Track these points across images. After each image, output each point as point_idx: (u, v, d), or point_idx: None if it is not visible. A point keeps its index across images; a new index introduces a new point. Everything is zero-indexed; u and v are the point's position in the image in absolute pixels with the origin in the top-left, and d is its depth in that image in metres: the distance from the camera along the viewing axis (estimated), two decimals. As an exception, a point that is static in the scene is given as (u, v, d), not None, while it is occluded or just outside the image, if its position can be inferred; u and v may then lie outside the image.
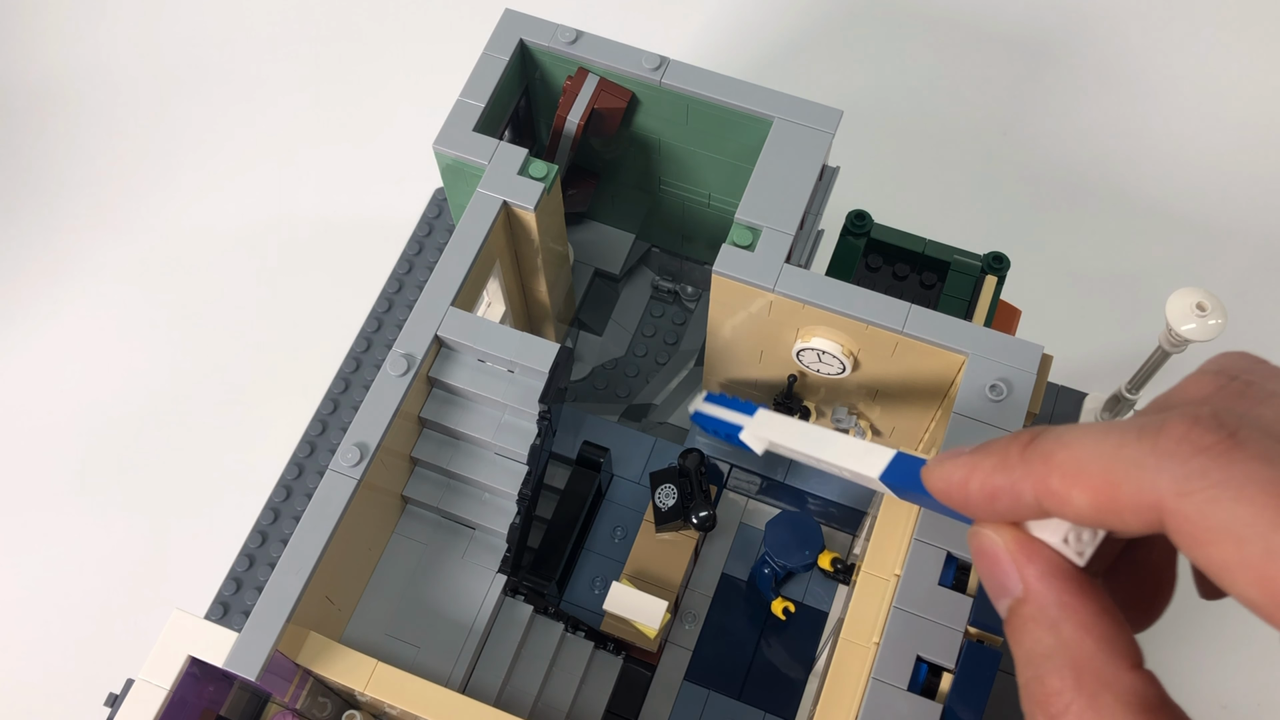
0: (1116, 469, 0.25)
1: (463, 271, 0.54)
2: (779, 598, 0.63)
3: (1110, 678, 0.26)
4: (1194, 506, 0.24)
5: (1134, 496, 0.25)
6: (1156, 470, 0.24)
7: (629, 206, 0.71)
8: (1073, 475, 0.26)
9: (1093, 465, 0.26)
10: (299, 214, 0.88)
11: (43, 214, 0.88)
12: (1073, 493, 0.26)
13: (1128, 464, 0.25)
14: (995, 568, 0.29)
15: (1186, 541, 0.24)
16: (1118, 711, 0.25)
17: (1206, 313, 0.55)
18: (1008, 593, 0.28)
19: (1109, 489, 0.25)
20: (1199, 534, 0.24)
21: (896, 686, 0.46)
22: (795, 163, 0.56)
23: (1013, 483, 0.27)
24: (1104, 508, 0.25)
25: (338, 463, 0.50)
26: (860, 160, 0.85)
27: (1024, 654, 0.28)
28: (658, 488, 0.63)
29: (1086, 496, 0.26)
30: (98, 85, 0.94)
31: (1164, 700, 0.26)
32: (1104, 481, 0.25)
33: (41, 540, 0.75)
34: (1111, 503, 0.25)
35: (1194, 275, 0.83)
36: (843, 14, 0.95)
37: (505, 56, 0.60)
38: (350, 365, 0.71)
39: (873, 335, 0.53)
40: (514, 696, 0.58)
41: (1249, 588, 0.23)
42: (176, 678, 0.47)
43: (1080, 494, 0.26)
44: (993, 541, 0.29)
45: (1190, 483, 0.24)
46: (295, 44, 0.96)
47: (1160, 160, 0.88)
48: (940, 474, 0.30)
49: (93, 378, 0.81)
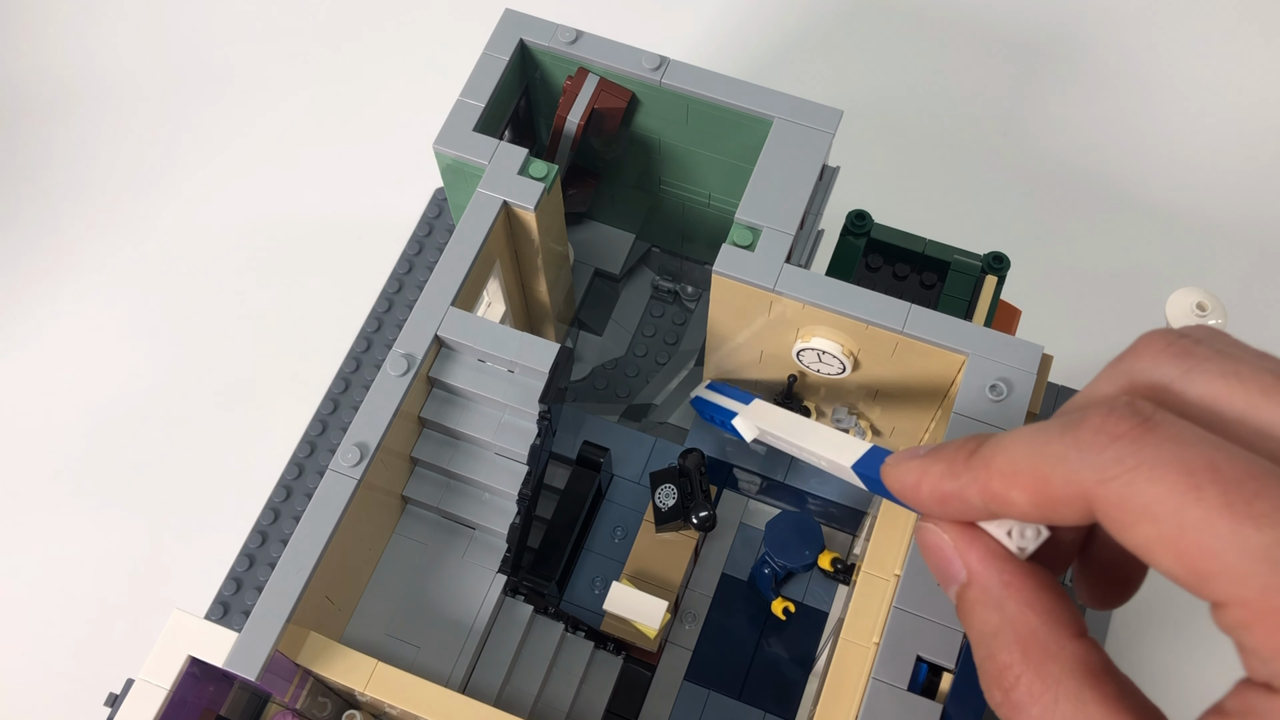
0: (1044, 465, 0.26)
1: (463, 271, 0.54)
2: (779, 598, 0.63)
3: (1055, 648, 0.27)
4: (1114, 491, 0.25)
5: (1063, 489, 0.26)
6: (1078, 462, 0.26)
7: (629, 206, 0.71)
8: (1010, 476, 0.27)
9: (1025, 465, 0.27)
10: (299, 214, 0.88)
11: (43, 214, 0.88)
12: (1011, 493, 0.27)
13: (1054, 460, 0.26)
14: (939, 557, 0.30)
15: (1114, 527, 0.25)
16: (1063, 679, 0.27)
17: (1206, 313, 0.55)
18: (954, 579, 0.30)
19: (1041, 485, 0.27)
20: (1122, 517, 0.25)
21: (896, 686, 0.46)
22: (795, 163, 0.56)
23: (960, 488, 0.29)
24: (1041, 504, 0.27)
25: (338, 463, 0.50)
26: (860, 160, 0.85)
27: (975, 635, 0.29)
28: (658, 488, 0.63)
29: (1024, 495, 0.27)
30: (98, 86, 0.94)
31: (1108, 665, 0.27)
32: (1036, 479, 0.27)
33: (41, 540, 0.75)
34: (1046, 498, 0.27)
35: (1194, 275, 0.83)
36: (842, 14, 0.95)
37: (505, 56, 0.60)
38: (350, 365, 0.71)
39: (873, 335, 0.53)
40: (514, 696, 0.58)
41: (1170, 562, 0.24)
42: (176, 678, 0.47)
43: (1019, 493, 0.27)
44: (935, 534, 0.30)
45: (1108, 470, 0.25)
46: (296, 45, 0.96)
47: (1160, 160, 0.88)
48: (895, 475, 0.31)
49: (93, 378, 0.81)
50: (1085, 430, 0.26)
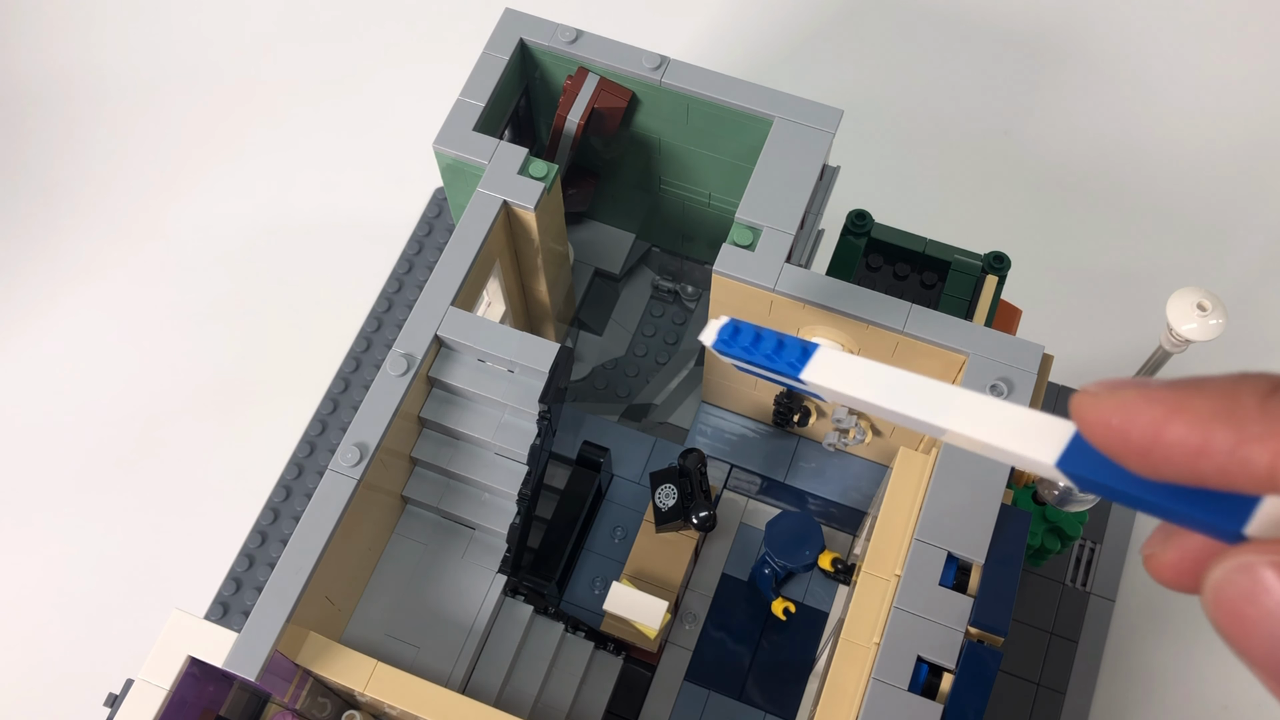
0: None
1: (463, 271, 0.54)
2: (779, 598, 0.63)
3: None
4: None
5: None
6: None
7: (629, 206, 0.71)
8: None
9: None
10: (299, 214, 0.88)
11: (42, 214, 0.88)
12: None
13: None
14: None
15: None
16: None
17: (1207, 312, 0.55)
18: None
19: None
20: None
21: (897, 687, 0.46)
22: (795, 162, 0.56)
23: (1240, 442, 0.19)
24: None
25: (337, 463, 0.50)
26: (860, 160, 0.85)
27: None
28: (658, 488, 0.63)
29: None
30: (96, 86, 0.94)
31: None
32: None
33: (41, 540, 0.75)
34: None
35: (1194, 275, 0.83)
36: (843, 13, 0.95)
37: (505, 56, 0.60)
38: (350, 365, 0.71)
39: (873, 335, 0.53)
40: (514, 697, 0.58)
41: None
42: (176, 678, 0.47)
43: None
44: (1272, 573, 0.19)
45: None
46: (296, 44, 0.96)
47: (1160, 160, 0.88)
48: (1113, 406, 0.21)
49: (92, 377, 0.81)
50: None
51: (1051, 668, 0.65)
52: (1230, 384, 0.20)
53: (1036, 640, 0.66)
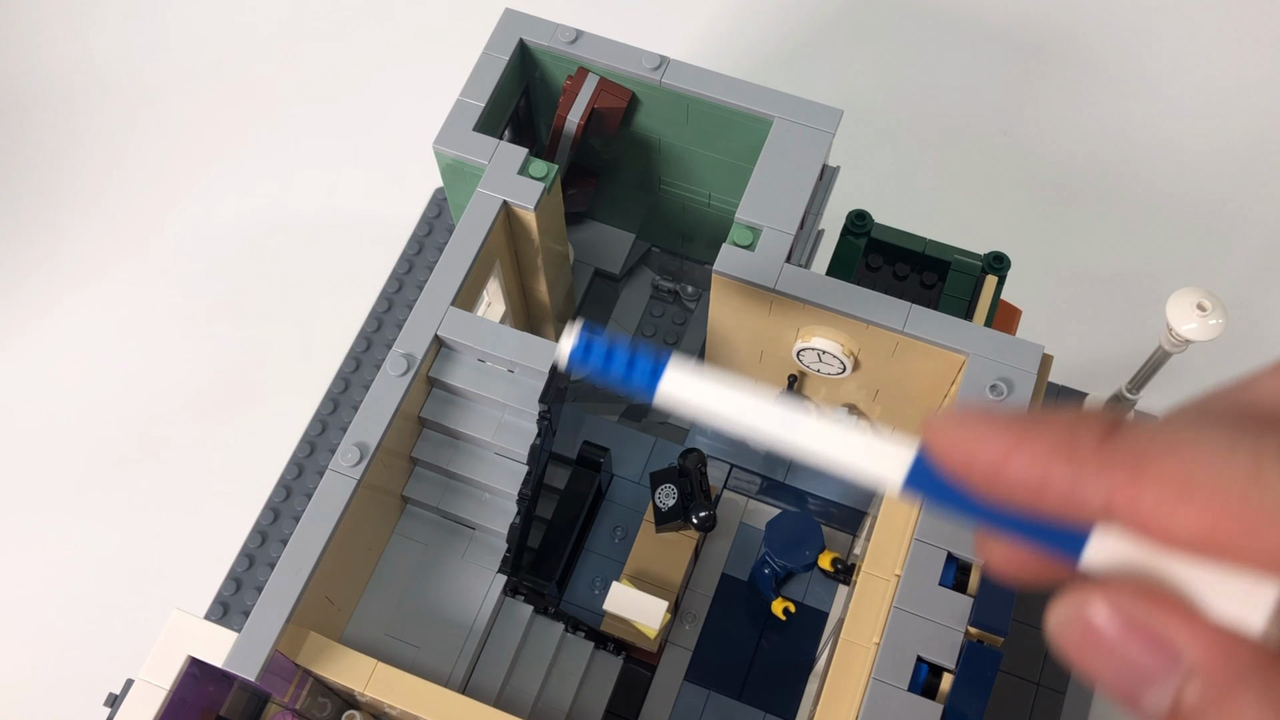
0: (1253, 499, 0.19)
1: (463, 271, 0.54)
2: (779, 598, 0.63)
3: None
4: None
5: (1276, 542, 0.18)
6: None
7: (629, 206, 0.71)
8: (1177, 490, 0.19)
9: (1208, 484, 0.19)
10: (299, 214, 0.88)
11: (43, 215, 0.88)
12: (1174, 514, 0.19)
13: (1275, 498, 0.19)
14: (1128, 645, 0.20)
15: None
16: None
17: (1207, 312, 0.55)
18: (1156, 679, 0.20)
19: (1238, 522, 0.19)
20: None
21: (897, 687, 0.46)
22: (795, 162, 0.56)
23: (1077, 478, 0.20)
24: (1221, 543, 0.19)
25: (337, 463, 0.50)
26: (860, 160, 0.85)
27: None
28: (658, 488, 0.63)
29: (1195, 522, 0.19)
30: (97, 87, 0.94)
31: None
32: (1228, 511, 0.19)
33: (41, 540, 0.75)
34: (1237, 539, 0.19)
35: (1194, 275, 0.83)
36: (843, 13, 0.95)
37: (505, 56, 0.60)
38: (350, 365, 0.71)
39: (873, 335, 0.53)
40: (514, 697, 0.58)
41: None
42: (176, 678, 0.47)
43: (1186, 518, 0.19)
44: (1115, 611, 0.21)
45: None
46: (296, 44, 0.96)
47: (1160, 160, 0.88)
48: (962, 440, 0.22)
49: (93, 378, 0.81)
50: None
51: (1051, 668, 0.65)
52: (1070, 423, 0.21)
53: (1036, 640, 0.66)
